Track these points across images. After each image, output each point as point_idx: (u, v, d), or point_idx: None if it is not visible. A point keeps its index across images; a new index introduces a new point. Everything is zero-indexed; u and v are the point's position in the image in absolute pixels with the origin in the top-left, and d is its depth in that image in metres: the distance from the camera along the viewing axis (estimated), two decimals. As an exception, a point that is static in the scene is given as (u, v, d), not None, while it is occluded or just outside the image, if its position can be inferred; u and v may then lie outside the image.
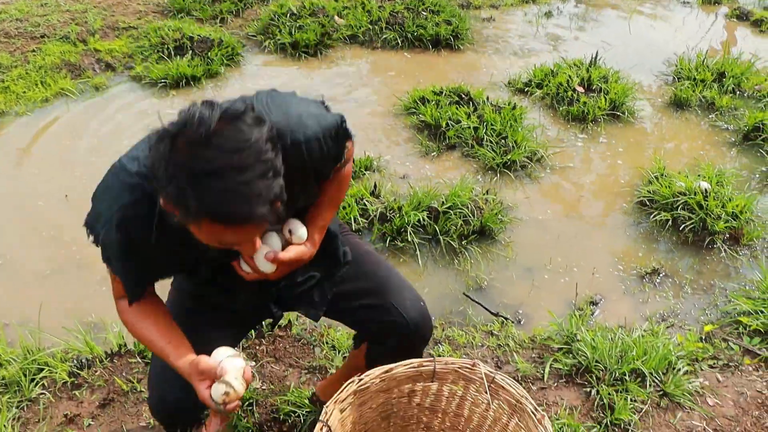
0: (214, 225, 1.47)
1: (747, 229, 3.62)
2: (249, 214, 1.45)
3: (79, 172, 4.00)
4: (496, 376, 2.06)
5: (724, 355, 2.94)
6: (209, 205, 1.43)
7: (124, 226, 1.68)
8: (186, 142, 1.42)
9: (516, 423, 2.08)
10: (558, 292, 3.30)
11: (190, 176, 1.41)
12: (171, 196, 1.44)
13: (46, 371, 2.73)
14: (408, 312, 2.10)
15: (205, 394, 1.75)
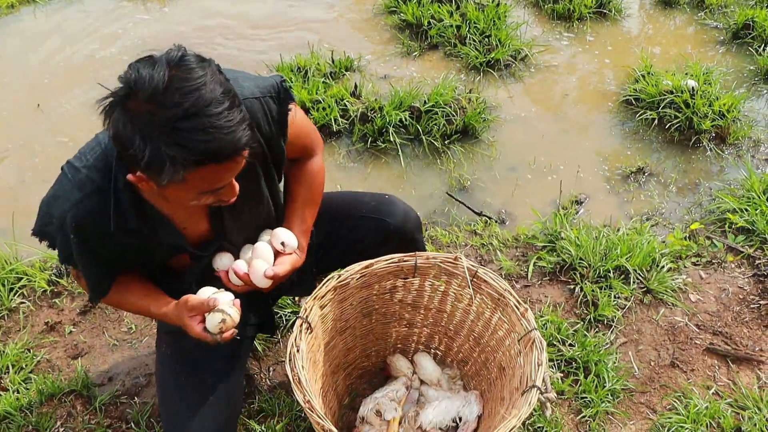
0: (203, 169, 1.41)
1: (733, 128, 3.56)
2: (238, 141, 1.40)
3: (49, 80, 3.82)
4: (478, 270, 2.02)
5: (708, 253, 2.93)
6: (195, 148, 1.36)
7: (80, 224, 1.63)
8: (144, 100, 1.35)
9: (499, 317, 2.05)
10: (542, 191, 3.25)
11: (164, 128, 1.35)
12: (149, 160, 1.36)
13: (25, 281, 2.67)
14: (386, 214, 2.08)
15: (198, 329, 1.72)
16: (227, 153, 1.40)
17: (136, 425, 2.26)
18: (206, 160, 1.38)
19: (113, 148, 1.54)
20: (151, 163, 1.37)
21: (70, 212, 1.61)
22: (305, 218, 2.00)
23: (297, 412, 2.28)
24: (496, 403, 2.04)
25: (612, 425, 2.32)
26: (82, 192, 1.60)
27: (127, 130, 1.36)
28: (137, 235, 1.70)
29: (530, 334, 1.88)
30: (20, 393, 2.32)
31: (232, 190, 1.58)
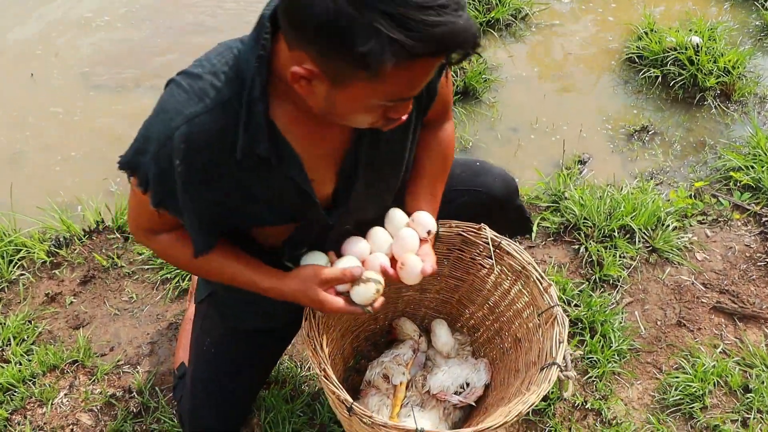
0: (415, 64, 1.12)
1: (739, 85, 3.50)
2: (473, 30, 1.11)
3: (43, 49, 3.75)
4: (501, 241, 1.97)
5: (714, 211, 2.89)
6: (426, 31, 1.05)
7: (192, 146, 1.29)
8: None
9: (519, 290, 2.00)
10: (545, 151, 3.20)
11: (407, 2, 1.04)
12: (361, 40, 1.05)
13: (24, 252, 2.64)
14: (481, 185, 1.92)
15: (340, 304, 1.54)
16: (455, 42, 1.09)
17: (139, 394, 2.24)
18: (429, 48, 1.08)
19: (249, 52, 1.26)
20: (360, 43, 1.05)
21: (179, 130, 1.27)
22: (436, 195, 1.74)
23: (300, 377, 2.26)
24: (508, 373, 2.01)
25: (619, 385, 2.31)
26: (202, 103, 1.28)
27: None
28: (262, 168, 1.36)
29: (552, 310, 1.84)
30: (22, 365, 2.30)
31: (406, 108, 1.30)
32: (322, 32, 1.07)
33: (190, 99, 1.28)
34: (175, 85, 1.32)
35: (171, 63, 3.60)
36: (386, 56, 1.06)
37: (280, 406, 2.16)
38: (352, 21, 1.04)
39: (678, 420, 2.23)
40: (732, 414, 2.23)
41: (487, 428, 1.58)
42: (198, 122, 1.28)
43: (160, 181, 1.35)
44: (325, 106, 1.25)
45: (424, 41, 1.06)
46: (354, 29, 1.05)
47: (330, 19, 1.05)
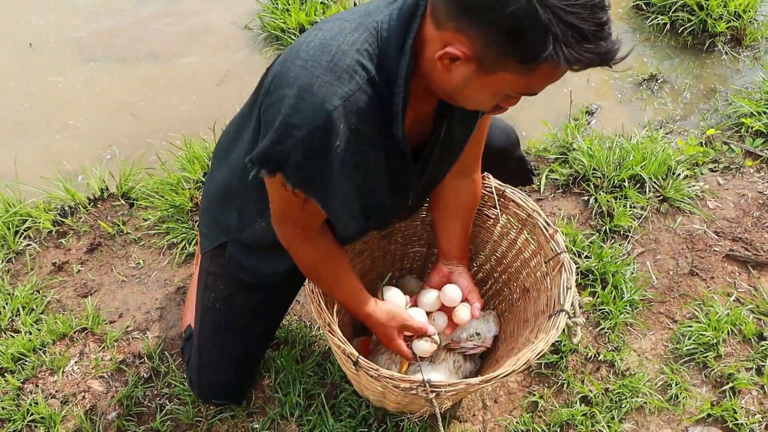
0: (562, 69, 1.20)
1: (750, 29, 3.41)
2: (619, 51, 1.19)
3: (38, 18, 3.69)
4: (506, 189, 1.94)
5: (725, 158, 2.84)
6: (594, 44, 1.14)
7: (351, 125, 1.28)
8: None
9: (525, 238, 1.99)
10: (552, 103, 3.14)
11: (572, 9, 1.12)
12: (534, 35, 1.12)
13: (30, 222, 2.62)
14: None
15: (405, 349, 1.77)
16: (610, 58, 1.18)
17: (149, 359, 2.24)
18: (589, 61, 1.16)
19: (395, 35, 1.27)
20: (532, 37, 1.12)
21: (337, 110, 1.25)
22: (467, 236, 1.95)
23: (309, 338, 2.25)
24: (518, 324, 2.00)
25: (631, 336, 2.29)
26: (354, 81, 1.26)
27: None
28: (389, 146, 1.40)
29: (559, 257, 1.82)
30: (32, 334, 2.30)
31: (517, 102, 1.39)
32: (509, 24, 1.12)
33: (340, 78, 1.26)
34: (311, 64, 1.27)
35: (167, 31, 3.55)
36: (552, 58, 1.13)
37: (291, 367, 2.15)
38: (538, 21, 1.10)
39: (692, 369, 2.21)
40: (746, 362, 2.21)
41: (495, 377, 1.57)
42: (354, 100, 1.27)
43: (307, 165, 1.31)
44: (456, 86, 1.28)
45: (591, 54, 1.14)
46: (537, 29, 1.11)
47: (520, 15, 1.10)
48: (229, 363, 1.98)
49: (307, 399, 2.12)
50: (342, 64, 1.26)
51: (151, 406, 2.15)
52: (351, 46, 1.27)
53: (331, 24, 1.32)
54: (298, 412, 2.08)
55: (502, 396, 2.14)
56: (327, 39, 1.28)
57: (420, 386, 1.54)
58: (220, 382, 2.01)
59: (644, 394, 2.13)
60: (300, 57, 1.28)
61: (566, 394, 2.15)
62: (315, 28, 1.34)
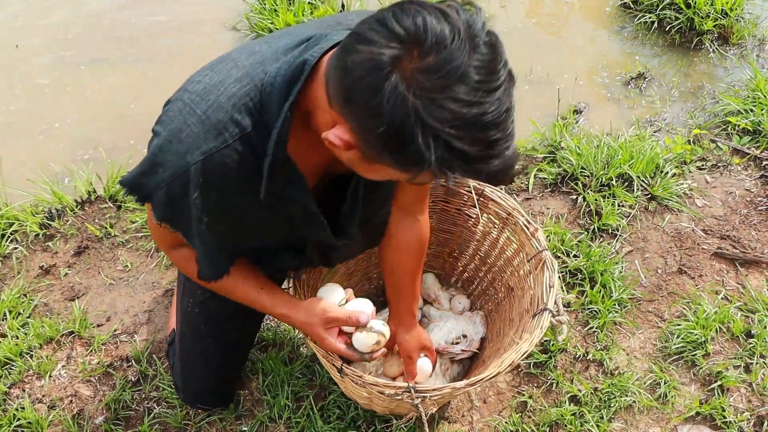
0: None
1: (737, 27, 3.42)
2: (513, 172, 1.11)
3: (23, 21, 3.67)
4: (485, 188, 1.94)
5: (713, 156, 2.85)
6: (481, 167, 1.04)
7: (209, 181, 1.25)
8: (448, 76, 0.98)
9: (507, 237, 1.99)
10: (540, 102, 3.14)
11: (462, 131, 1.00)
12: (413, 153, 1.01)
13: (17, 225, 2.60)
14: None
15: (340, 347, 1.55)
16: (499, 179, 1.09)
17: (136, 362, 2.22)
18: (478, 179, 1.08)
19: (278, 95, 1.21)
20: (411, 153, 1.01)
21: (196, 165, 1.22)
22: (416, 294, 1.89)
23: (298, 340, 2.24)
24: (504, 324, 2.00)
25: (620, 335, 2.29)
26: (221, 138, 1.22)
27: (408, 103, 0.98)
28: (275, 199, 1.34)
29: (541, 255, 1.82)
30: (19, 338, 2.28)
31: None
32: (384, 136, 1.03)
33: (207, 133, 1.22)
34: (188, 110, 1.24)
35: (154, 32, 3.54)
36: (434, 174, 1.04)
37: (279, 369, 2.14)
38: (417, 142, 1.00)
39: (680, 368, 2.21)
40: (735, 360, 2.21)
41: (480, 380, 1.57)
42: (217, 157, 1.23)
43: (169, 203, 1.30)
44: (347, 162, 1.20)
45: (475, 174, 1.06)
46: (414, 149, 1.01)
47: (397, 132, 1.01)
48: (210, 369, 1.98)
49: (296, 401, 2.11)
50: (214, 118, 1.22)
51: (139, 409, 2.13)
52: (229, 100, 1.23)
53: (222, 66, 1.28)
54: (286, 414, 2.07)
55: (491, 396, 2.14)
56: (210, 86, 1.25)
57: (405, 392, 1.53)
58: (203, 389, 2.01)
59: (633, 393, 2.13)
60: (183, 99, 1.26)
61: (555, 394, 2.15)
62: (207, 67, 1.30)
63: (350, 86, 1.04)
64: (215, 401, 2.07)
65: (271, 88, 1.21)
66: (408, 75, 0.98)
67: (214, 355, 1.94)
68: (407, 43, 0.98)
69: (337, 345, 1.55)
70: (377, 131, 1.02)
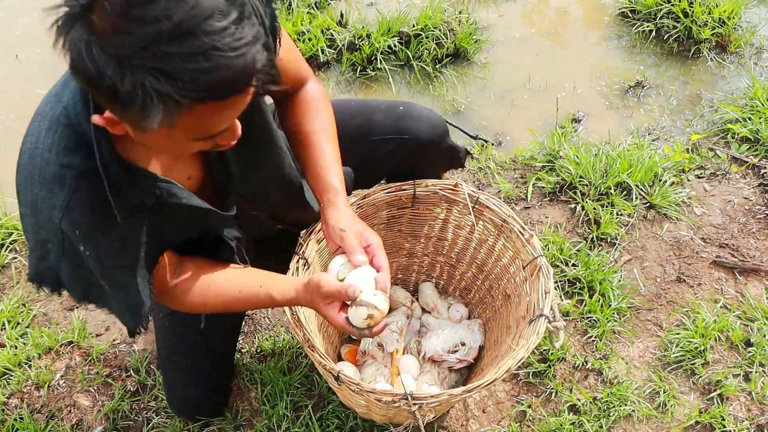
0: (201, 107, 1.02)
1: (735, 36, 3.43)
2: (250, 68, 1.01)
3: (20, 31, 3.68)
4: (480, 196, 1.95)
5: (711, 165, 2.85)
6: (194, 80, 0.97)
7: (81, 226, 1.24)
8: (115, 12, 0.95)
9: (503, 244, 1.99)
10: (539, 111, 3.15)
11: (146, 51, 0.95)
12: (127, 97, 0.98)
13: (16, 235, 2.61)
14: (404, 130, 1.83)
15: (341, 321, 1.46)
16: (236, 86, 1.02)
17: (135, 372, 2.22)
18: (207, 96, 1.00)
19: (81, 116, 1.18)
20: (131, 100, 0.97)
21: (62, 221, 1.22)
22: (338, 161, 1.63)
23: (297, 349, 2.24)
24: (501, 331, 2.00)
25: (619, 344, 2.29)
26: (64, 187, 1.21)
27: (94, 55, 0.96)
28: (141, 211, 1.32)
29: (536, 261, 1.82)
30: (18, 348, 2.28)
31: (233, 133, 1.19)
32: (98, 90, 1.00)
33: (52, 190, 1.22)
34: (29, 181, 1.24)
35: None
36: (166, 108, 0.98)
37: (278, 379, 2.14)
38: (117, 80, 0.97)
39: (680, 377, 2.21)
40: (734, 369, 2.21)
41: (477, 386, 1.57)
42: (72, 206, 1.22)
43: (76, 273, 1.31)
44: (152, 146, 1.20)
45: (196, 91, 0.98)
46: (120, 88, 0.97)
47: (100, 79, 0.98)
48: (191, 380, 1.96)
49: (295, 411, 2.11)
50: (48, 175, 1.22)
51: (138, 419, 2.13)
52: (50, 152, 1.22)
53: (33, 126, 1.27)
54: (285, 424, 2.07)
55: (490, 406, 2.14)
56: (31, 149, 1.25)
57: (402, 399, 1.53)
58: (188, 399, 2.00)
59: (632, 402, 2.13)
60: (20, 173, 1.27)
61: (554, 403, 2.15)
62: (26, 134, 1.29)
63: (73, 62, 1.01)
64: (204, 412, 2.05)
65: (77, 119, 1.20)
66: (82, 25, 0.97)
67: (193, 365, 1.93)
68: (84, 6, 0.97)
69: (338, 320, 1.47)
70: (104, 94, 1.00)
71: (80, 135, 1.20)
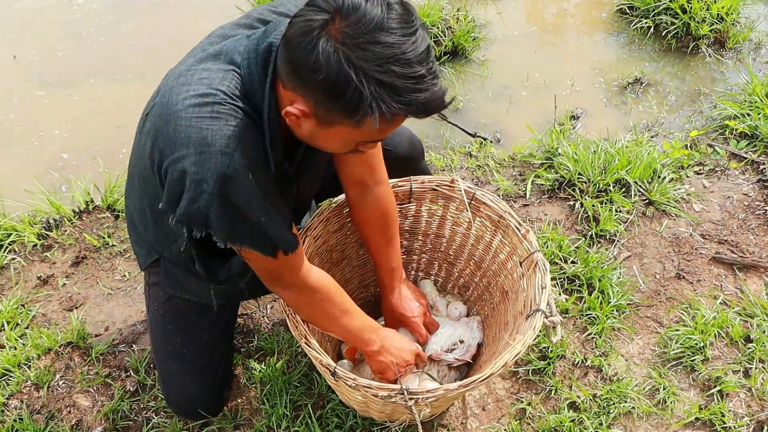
0: (396, 119, 1.29)
1: (733, 32, 3.43)
2: (445, 97, 1.30)
3: (18, 31, 3.68)
4: (476, 192, 1.95)
5: (710, 161, 2.85)
6: (411, 97, 1.24)
7: (251, 160, 1.38)
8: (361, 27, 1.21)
9: (500, 240, 1.99)
10: (537, 108, 3.15)
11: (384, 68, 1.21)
12: (356, 98, 1.22)
13: (15, 236, 2.60)
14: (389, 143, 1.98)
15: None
16: (438, 108, 1.29)
17: (135, 372, 2.22)
18: (416, 111, 1.26)
19: (254, 73, 1.39)
20: (355, 100, 1.22)
21: (236, 150, 1.35)
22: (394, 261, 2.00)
23: (296, 348, 2.24)
24: (499, 327, 2.00)
25: (619, 341, 2.28)
26: (238, 124, 1.37)
27: (338, 63, 1.21)
28: (281, 176, 1.53)
29: (533, 257, 1.82)
30: (17, 349, 2.28)
31: (376, 144, 1.52)
32: (325, 86, 1.23)
33: (227, 123, 1.36)
34: (195, 118, 1.36)
35: (150, 45, 3.54)
36: (375, 114, 1.23)
37: (277, 378, 2.14)
38: (351, 83, 1.21)
39: (679, 373, 2.21)
40: (734, 365, 2.21)
41: (473, 381, 1.57)
42: (245, 138, 1.37)
43: (223, 213, 1.39)
44: (307, 137, 1.41)
45: (407, 106, 1.24)
46: (353, 89, 1.21)
47: (335, 79, 1.21)
48: (186, 373, 1.95)
49: (294, 410, 2.10)
50: (223, 110, 1.36)
51: (138, 419, 2.13)
52: (225, 95, 1.38)
53: (198, 75, 1.42)
54: (285, 423, 2.06)
55: (490, 403, 2.14)
56: (200, 92, 1.38)
57: (398, 394, 1.53)
58: (184, 393, 1.98)
59: (632, 399, 2.12)
60: (182, 116, 1.37)
61: (554, 401, 2.14)
62: (182, 81, 1.42)
63: (292, 53, 1.26)
64: (201, 408, 2.02)
65: (250, 78, 1.40)
66: (334, 32, 1.21)
67: (188, 356, 1.93)
68: (330, 12, 1.22)
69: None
70: (319, 85, 1.23)
71: (250, 95, 1.40)
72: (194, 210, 1.37)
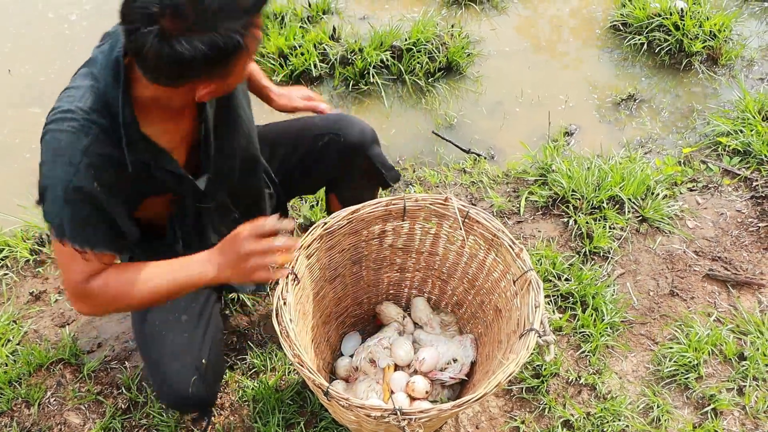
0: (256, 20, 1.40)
1: (725, 49, 3.45)
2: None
3: (11, 44, 3.68)
4: (469, 210, 1.95)
5: (704, 177, 2.85)
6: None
7: (98, 170, 1.52)
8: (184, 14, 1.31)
9: (493, 258, 1.99)
10: (531, 124, 3.16)
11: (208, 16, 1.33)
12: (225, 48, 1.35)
13: (7, 251, 2.59)
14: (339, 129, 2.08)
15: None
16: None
17: (126, 390, 2.21)
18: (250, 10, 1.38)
19: (109, 84, 1.50)
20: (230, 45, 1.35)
21: (82, 162, 1.49)
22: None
23: (289, 366, 2.23)
24: (493, 346, 1.99)
25: (612, 358, 2.28)
26: (89, 136, 1.49)
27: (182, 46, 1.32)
28: (144, 168, 1.62)
29: (526, 275, 1.81)
30: (8, 366, 2.26)
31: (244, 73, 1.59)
32: (208, 63, 1.36)
33: (78, 136, 1.49)
34: (53, 132, 1.51)
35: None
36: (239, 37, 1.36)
37: (270, 396, 2.13)
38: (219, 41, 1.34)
39: (673, 391, 2.21)
40: (728, 383, 2.21)
41: (467, 401, 1.56)
42: (93, 150, 1.50)
43: (74, 217, 1.55)
44: (217, 93, 1.54)
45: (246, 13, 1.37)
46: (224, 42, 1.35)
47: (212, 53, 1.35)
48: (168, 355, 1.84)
49: (287, 428, 2.09)
50: (77, 125, 1.49)
51: (129, 437, 2.12)
52: (83, 107, 1.50)
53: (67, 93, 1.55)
54: (277, 441, 2.05)
55: (483, 422, 2.13)
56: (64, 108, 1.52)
57: (391, 414, 1.52)
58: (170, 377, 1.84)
59: (626, 417, 2.12)
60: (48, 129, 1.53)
61: (548, 419, 2.14)
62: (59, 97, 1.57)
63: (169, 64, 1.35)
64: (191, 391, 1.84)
65: (106, 89, 1.51)
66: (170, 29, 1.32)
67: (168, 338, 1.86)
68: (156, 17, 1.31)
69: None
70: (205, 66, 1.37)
71: (108, 105, 1.51)
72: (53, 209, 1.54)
